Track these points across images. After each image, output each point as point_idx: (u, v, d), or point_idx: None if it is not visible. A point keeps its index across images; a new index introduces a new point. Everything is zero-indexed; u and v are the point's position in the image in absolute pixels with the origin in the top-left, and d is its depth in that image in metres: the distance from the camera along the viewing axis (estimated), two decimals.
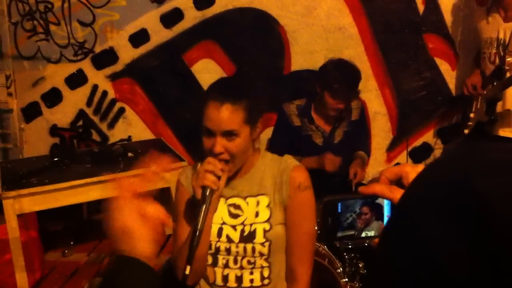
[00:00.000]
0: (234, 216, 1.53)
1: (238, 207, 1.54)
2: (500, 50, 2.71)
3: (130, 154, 2.88)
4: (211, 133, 1.43)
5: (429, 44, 3.39)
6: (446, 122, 3.55)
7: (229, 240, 1.51)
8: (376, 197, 0.71)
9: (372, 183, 0.68)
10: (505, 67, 2.62)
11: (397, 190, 0.65)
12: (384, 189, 0.66)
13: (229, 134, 1.42)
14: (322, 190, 2.23)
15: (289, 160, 1.59)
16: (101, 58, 3.44)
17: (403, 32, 3.35)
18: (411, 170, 0.66)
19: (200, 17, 3.33)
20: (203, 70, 3.38)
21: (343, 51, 3.18)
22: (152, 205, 0.68)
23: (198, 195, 1.34)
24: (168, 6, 3.33)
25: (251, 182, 1.55)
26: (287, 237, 1.54)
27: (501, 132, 2.71)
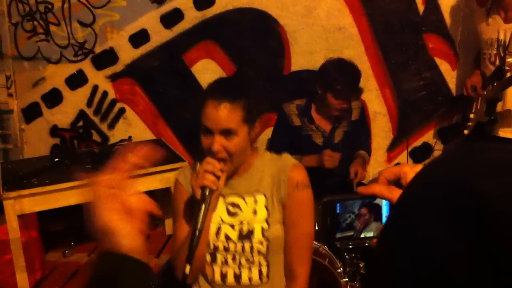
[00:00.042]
0: (233, 215, 1.54)
1: (237, 206, 1.54)
2: (501, 51, 2.71)
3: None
4: (210, 132, 1.43)
5: (429, 44, 3.39)
6: (446, 122, 3.56)
7: (228, 239, 1.52)
8: (375, 198, 0.72)
9: (371, 184, 0.68)
10: (505, 68, 2.62)
11: (396, 190, 0.65)
12: (383, 190, 0.66)
13: (227, 133, 1.43)
14: (322, 190, 2.23)
15: (288, 159, 1.59)
16: (101, 59, 3.44)
17: (403, 32, 3.35)
18: (410, 171, 0.66)
19: (200, 18, 3.33)
20: (203, 71, 3.38)
21: (343, 51, 3.18)
22: (136, 196, 0.67)
23: (198, 195, 1.35)
24: (168, 7, 3.33)
25: (250, 181, 1.56)
26: (286, 236, 1.54)
27: (501, 133, 2.71)
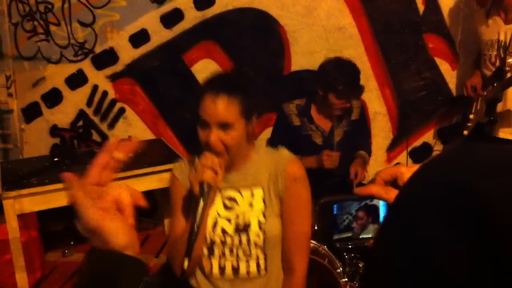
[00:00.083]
0: (229, 209, 1.55)
1: (233, 200, 1.55)
2: (501, 52, 2.71)
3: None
4: (207, 125, 1.45)
5: (429, 44, 3.39)
6: (446, 122, 3.55)
7: (224, 233, 1.52)
8: (372, 198, 0.72)
9: (368, 185, 0.68)
10: (506, 68, 2.63)
11: (393, 191, 0.65)
12: (380, 190, 0.66)
13: (225, 126, 1.43)
14: (322, 190, 2.23)
15: (284, 153, 1.60)
16: (101, 59, 3.44)
17: (403, 32, 3.35)
18: (406, 171, 0.66)
19: (200, 17, 3.33)
20: (203, 70, 3.37)
21: (343, 51, 3.17)
22: (121, 191, 0.66)
23: (196, 190, 1.35)
24: (168, 7, 3.33)
25: (246, 175, 1.56)
26: (283, 230, 1.55)
27: (501, 133, 2.71)
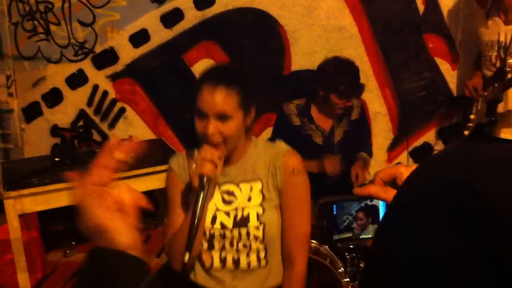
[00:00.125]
0: (228, 202, 1.55)
1: (232, 193, 1.55)
2: (501, 53, 2.71)
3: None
4: (205, 116, 1.44)
5: (429, 44, 3.39)
6: (447, 122, 3.55)
7: (223, 227, 1.53)
8: (372, 199, 0.72)
9: (367, 185, 0.68)
10: (507, 69, 2.63)
11: (392, 191, 0.65)
12: (379, 190, 0.67)
13: (223, 117, 1.43)
14: (322, 190, 2.23)
15: (281, 146, 1.60)
16: (102, 58, 3.44)
17: (404, 32, 3.34)
18: (405, 171, 0.67)
19: (200, 17, 3.33)
20: None
21: (343, 51, 3.17)
22: (125, 191, 0.66)
23: (196, 183, 1.35)
24: (169, 6, 3.33)
25: (245, 168, 1.56)
26: (283, 222, 1.56)
27: (502, 134, 2.71)
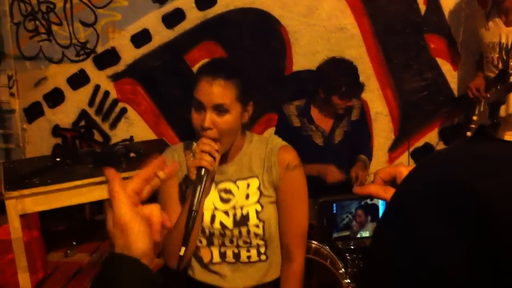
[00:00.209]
0: (225, 201, 1.54)
1: (229, 192, 1.54)
2: (503, 54, 2.70)
3: (132, 155, 2.88)
4: (202, 107, 1.43)
5: (431, 45, 3.38)
6: (448, 123, 3.55)
7: (223, 227, 1.52)
8: (372, 198, 0.72)
9: (367, 184, 0.68)
10: (509, 71, 2.62)
11: (391, 191, 0.65)
12: (379, 190, 0.66)
13: (220, 109, 1.42)
14: (322, 190, 2.23)
15: (276, 141, 1.59)
16: (103, 59, 3.44)
17: (405, 33, 3.34)
18: (405, 171, 0.66)
19: (202, 18, 3.33)
20: None
21: (345, 52, 3.17)
22: (156, 208, 0.68)
23: (193, 176, 1.34)
24: (170, 7, 3.33)
25: (240, 166, 1.55)
26: (281, 217, 1.55)
27: (507, 136, 2.71)
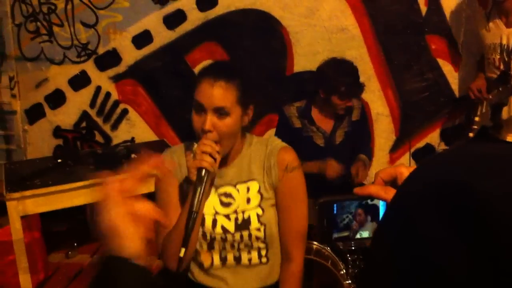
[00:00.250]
0: (226, 205, 1.53)
1: (229, 195, 1.54)
2: (504, 56, 2.70)
3: (133, 156, 2.89)
4: (203, 109, 1.42)
5: (432, 45, 3.38)
6: (449, 123, 3.54)
7: (225, 231, 1.51)
8: (372, 198, 0.72)
9: (367, 184, 0.68)
10: (511, 73, 2.62)
11: (392, 191, 0.65)
12: (379, 190, 0.66)
13: (221, 112, 1.41)
14: (322, 190, 2.23)
15: (276, 142, 1.58)
16: (104, 60, 3.45)
17: (406, 33, 3.34)
18: (406, 171, 0.66)
19: (203, 19, 3.34)
20: None
21: (346, 52, 3.17)
22: (144, 203, 0.68)
23: (193, 177, 1.34)
24: (171, 8, 3.34)
25: (240, 169, 1.55)
26: (280, 218, 1.55)
27: (509, 138, 2.70)
